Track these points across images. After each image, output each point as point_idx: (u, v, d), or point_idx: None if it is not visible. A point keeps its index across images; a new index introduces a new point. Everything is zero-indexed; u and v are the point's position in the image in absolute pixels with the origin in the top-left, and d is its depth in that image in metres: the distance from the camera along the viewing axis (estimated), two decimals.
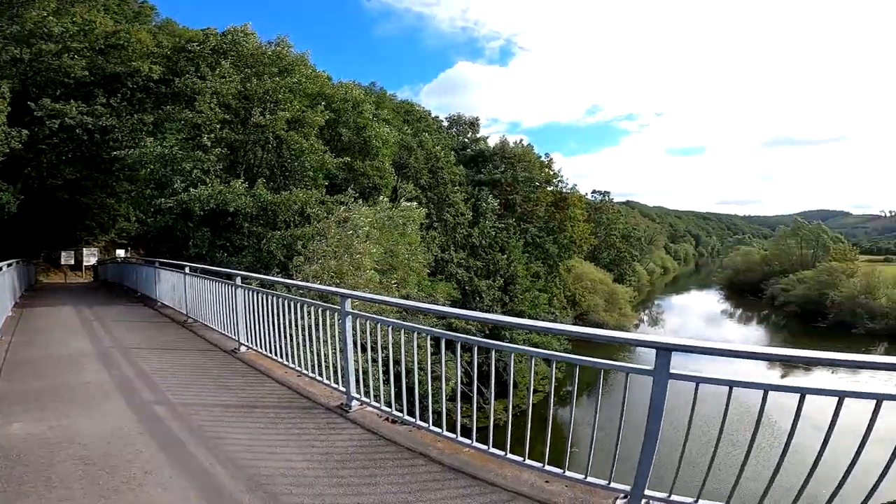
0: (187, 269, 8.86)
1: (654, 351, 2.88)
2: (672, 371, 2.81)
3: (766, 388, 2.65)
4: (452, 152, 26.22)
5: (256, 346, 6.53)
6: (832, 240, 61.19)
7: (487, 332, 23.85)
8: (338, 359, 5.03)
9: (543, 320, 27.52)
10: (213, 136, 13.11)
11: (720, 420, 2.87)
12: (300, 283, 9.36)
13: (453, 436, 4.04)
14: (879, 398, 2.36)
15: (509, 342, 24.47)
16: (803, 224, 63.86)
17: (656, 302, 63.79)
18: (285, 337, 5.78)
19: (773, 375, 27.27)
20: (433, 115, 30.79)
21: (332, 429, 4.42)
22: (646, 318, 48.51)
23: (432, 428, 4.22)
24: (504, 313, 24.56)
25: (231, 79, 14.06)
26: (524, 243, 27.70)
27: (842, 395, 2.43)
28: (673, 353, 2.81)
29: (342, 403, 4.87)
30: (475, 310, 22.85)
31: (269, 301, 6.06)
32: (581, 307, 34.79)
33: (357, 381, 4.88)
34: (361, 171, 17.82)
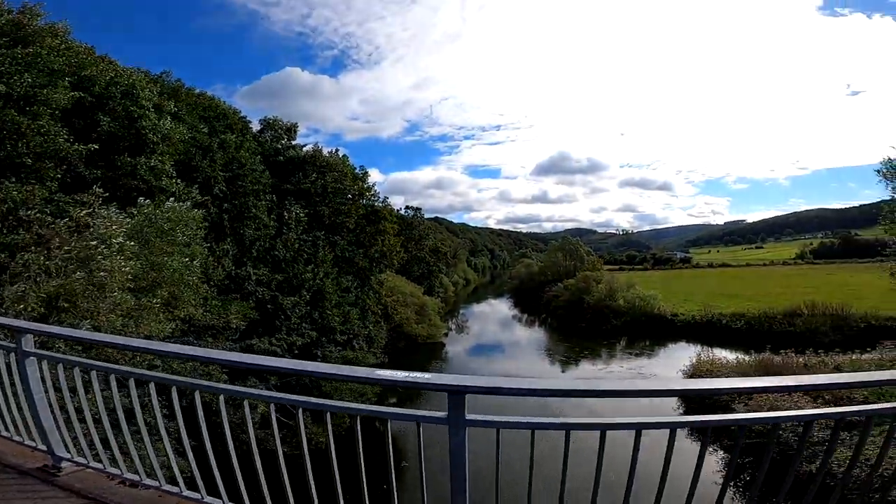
0: None
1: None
2: (468, 417, 2.46)
3: (569, 428, 2.57)
4: (260, 158, 23.45)
5: None
6: (586, 253, 77.04)
7: (296, 351, 21.85)
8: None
9: (356, 336, 26.80)
10: None
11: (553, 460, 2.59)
12: None
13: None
14: (673, 427, 2.43)
15: (322, 361, 22.97)
16: (568, 239, 78.80)
17: (461, 311, 69.67)
18: None
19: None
20: (244, 116, 26.86)
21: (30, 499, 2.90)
22: (453, 327, 52.27)
23: (186, 493, 3.27)
24: (315, 330, 22.86)
25: None
26: (334, 257, 26.52)
27: (639, 428, 2.52)
28: (467, 395, 2.44)
29: (45, 465, 3.48)
30: (281, 330, 20.63)
31: None
32: (394, 320, 35.22)
33: (78, 435, 3.35)
34: (128, 170, 14.23)
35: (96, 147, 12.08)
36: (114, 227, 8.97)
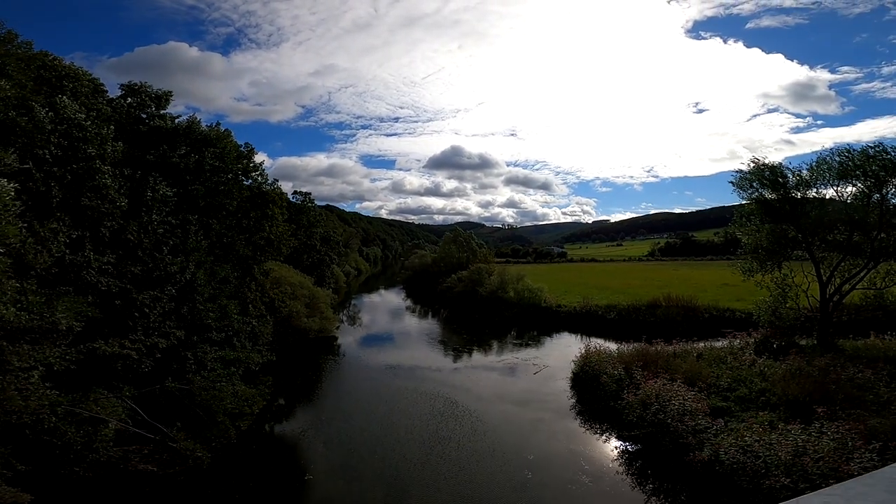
0: None
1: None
2: None
3: None
4: (112, 125, 18.66)
5: None
6: (477, 245, 79.43)
7: (159, 355, 18.09)
8: None
9: (236, 333, 23.37)
10: None
11: None
12: None
13: None
14: None
15: (195, 364, 19.36)
16: (460, 232, 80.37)
17: (353, 302, 67.11)
18: None
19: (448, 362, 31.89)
20: (95, 77, 21.05)
21: None
22: (345, 318, 49.81)
23: None
24: (184, 328, 19.20)
25: None
26: (209, 243, 22.67)
27: None
28: None
29: None
30: (136, 329, 16.78)
31: None
32: (282, 313, 31.94)
33: None
34: None
35: None
36: None
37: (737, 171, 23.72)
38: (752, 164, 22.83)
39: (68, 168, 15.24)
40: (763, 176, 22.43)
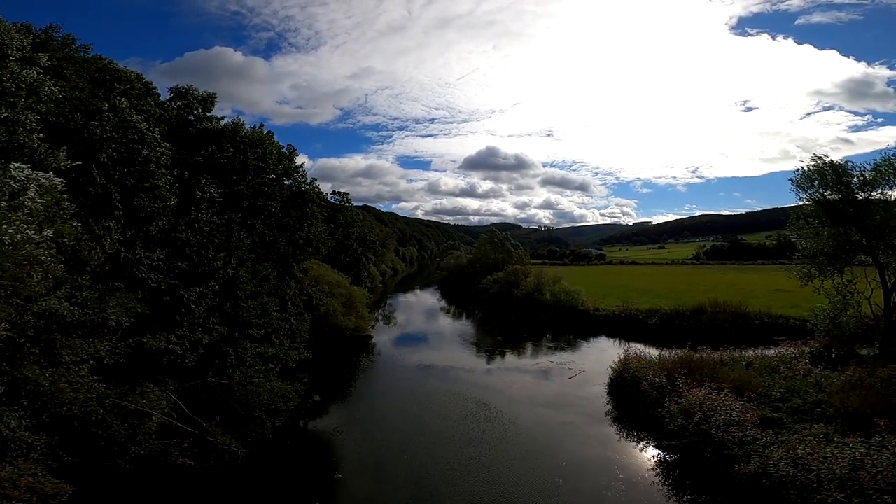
0: None
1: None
2: None
3: None
4: (164, 126, 19.77)
5: None
6: (513, 247, 78.59)
7: (202, 350, 18.91)
8: None
9: (276, 330, 24.10)
10: None
11: None
12: None
13: None
14: None
15: (235, 360, 20.11)
16: (496, 232, 79.80)
17: (388, 301, 67.98)
18: None
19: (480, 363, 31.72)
20: (148, 81, 22.50)
21: None
22: (380, 317, 50.49)
23: None
24: (226, 324, 19.97)
25: None
26: (251, 242, 23.48)
27: None
28: None
29: None
30: (182, 325, 17.60)
31: None
32: (319, 311, 32.71)
33: None
34: None
35: None
36: None
37: (796, 171, 22.25)
38: (813, 163, 21.38)
39: (125, 170, 16.16)
40: (825, 175, 20.96)
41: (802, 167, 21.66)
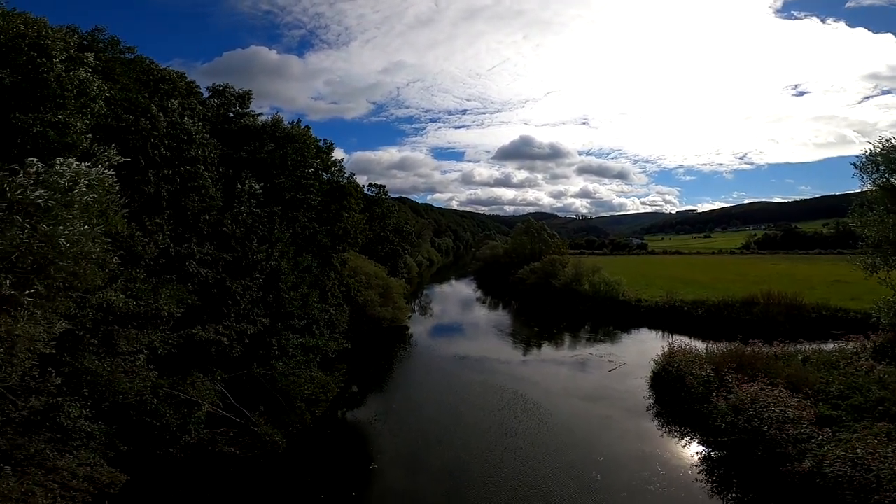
0: None
1: None
2: None
3: None
4: (207, 125, 20.62)
5: None
6: (549, 236, 77.18)
7: (247, 341, 19.73)
8: None
9: (316, 321, 24.81)
10: None
11: None
12: None
13: None
14: None
15: (278, 350, 20.86)
16: (532, 222, 78.54)
17: (424, 292, 68.52)
18: None
19: (517, 354, 31.50)
20: (192, 81, 23.44)
21: None
22: (416, 308, 51.01)
23: None
24: (269, 315, 20.72)
25: None
26: (292, 234, 24.18)
27: None
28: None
29: None
30: (229, 316, 18.41)
31: None
32: (357, 302, 33.39)
33: None
34: (25, 125, 11.58)
35: None
36: None
37: (863, 154, 20.54)
38: (879, 146, 19.69)
39: (175, 169, 16.91)
40: (891, 159, 19.27)
41: (868, 151, 19.98)
